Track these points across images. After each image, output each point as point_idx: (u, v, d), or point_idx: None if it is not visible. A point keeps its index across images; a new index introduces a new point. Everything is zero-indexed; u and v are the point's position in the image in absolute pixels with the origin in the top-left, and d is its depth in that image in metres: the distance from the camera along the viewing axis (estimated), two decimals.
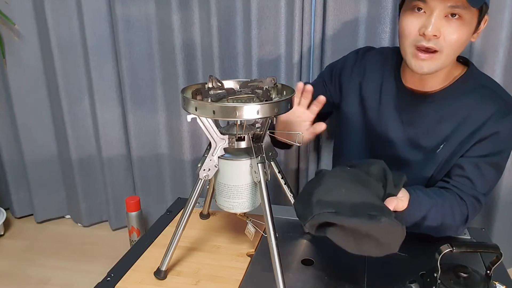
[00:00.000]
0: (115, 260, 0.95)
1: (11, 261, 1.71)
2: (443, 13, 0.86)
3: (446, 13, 0.86)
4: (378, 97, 1.09)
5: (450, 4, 0.84)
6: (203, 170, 0.84)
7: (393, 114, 1.06)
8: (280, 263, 0.80)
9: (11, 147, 1.95)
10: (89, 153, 1.89)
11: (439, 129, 0.99)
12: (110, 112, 1.81)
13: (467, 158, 0.97)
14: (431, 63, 0.90)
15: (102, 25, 1.69)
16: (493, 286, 0.75)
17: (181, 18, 1.62)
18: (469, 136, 0.96)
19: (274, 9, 1.52)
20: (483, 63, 1.41)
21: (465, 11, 0.85)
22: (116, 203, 1.92)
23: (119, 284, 0.87)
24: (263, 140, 0.87)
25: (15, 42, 1.76)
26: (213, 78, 0.88)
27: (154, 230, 1.08)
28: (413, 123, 1.03)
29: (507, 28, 1.37)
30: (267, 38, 1.56)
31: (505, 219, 1.55)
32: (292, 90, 0.86)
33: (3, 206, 2.01)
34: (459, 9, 0.85)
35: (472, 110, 0.96)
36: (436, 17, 0.85)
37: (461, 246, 0.75)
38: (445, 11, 0.85)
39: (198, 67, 1.69)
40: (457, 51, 0.90)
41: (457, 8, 0.84)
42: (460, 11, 0.85)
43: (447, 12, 0.86)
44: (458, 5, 0.84)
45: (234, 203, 0.87)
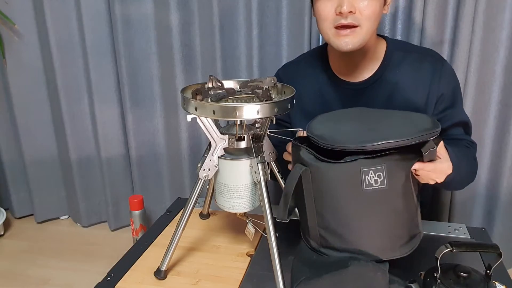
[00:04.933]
0: (115, 260, 0.95)
1: (11, 261, 1.71)
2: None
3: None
4: (320, 102, 1.11)
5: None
6: (203, 170, 0.84)
7: (342, 109, 1.09)
8: (280, 263, 0.80)
9: (11, 147, 1.95)
10: (88, 153, 1.89)
11: (392, 107, 1.02)
12: (109, 112, 1.81)
13: (438, 115, 1.05)
14: (354, 38, 0.94)
15: (101, 25, 1.69)
16: (493, 286, 0.75)
17: (179, 18, 1.62)
18: (425, 104, 1.04)
19: (275, 9, 1.52)
20: (483, 63, 1.41)
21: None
22: (115, 203, 1.92)
23: (119, 284, 0.87)
24: (263, 140, 0.87)
25: (15, 42, 1.76)
26: (213, 78, 0.88)
27: (154, 230, 1.08)
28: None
29: (507, 28, 1.37)
30: (268, 39, 1.56)
31: (505, 219, 1.55)
32: (292, 89, 0.86)
33: (3, 206, 2.01)
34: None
35: (412, 79, 1.04)
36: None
37: (461, 246, 0.75)
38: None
39: (197, 67, 1.69)
40: (374, 23, 0.96)
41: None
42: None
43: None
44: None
45: (234, 203, 0.87)
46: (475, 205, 1.58)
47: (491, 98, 1.45)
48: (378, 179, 0.75)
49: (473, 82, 1.43)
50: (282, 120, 1.18)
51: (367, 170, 0.74)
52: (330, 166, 0.76)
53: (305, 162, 0.79)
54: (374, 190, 0.75)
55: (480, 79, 1.43)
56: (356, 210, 0.78)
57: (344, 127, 0.82)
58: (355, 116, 0.89)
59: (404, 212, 0.80)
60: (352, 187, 0.76)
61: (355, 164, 0.75)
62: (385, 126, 0.81)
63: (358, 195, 0.76)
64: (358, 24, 0.93)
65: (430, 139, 0.76)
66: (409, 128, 0.78)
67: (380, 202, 0.77)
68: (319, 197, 0.80)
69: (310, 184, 0.79)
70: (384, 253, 0.80)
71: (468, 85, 1.43)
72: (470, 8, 1.34)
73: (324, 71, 1.10)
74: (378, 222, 0.78)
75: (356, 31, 0.94)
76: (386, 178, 0.75)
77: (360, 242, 0.80)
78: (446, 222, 1.28)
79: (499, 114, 1.46)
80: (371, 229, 0.79)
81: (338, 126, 0.83)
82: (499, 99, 1.45)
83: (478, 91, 1.45)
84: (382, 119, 0.86)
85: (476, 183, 1.55)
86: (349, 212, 0.78)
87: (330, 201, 0.79)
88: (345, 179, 0.76)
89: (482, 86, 1.44)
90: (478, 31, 1.38)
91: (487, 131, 1.48)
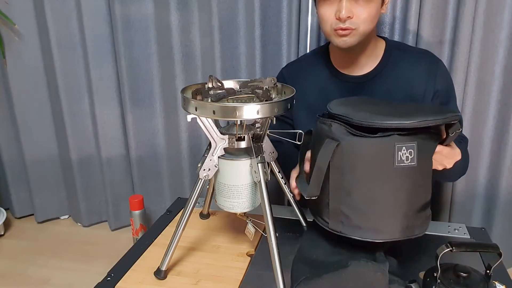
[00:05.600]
0: (115, 260, 0.95)
1: (11, 261, 1.71)
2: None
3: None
4: (322, 97, 1.12)
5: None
6: (203, 170, 0.84)
7: None
8: (280, 263, 0.80)
9: (12, 147, 1.95)
10: (88, 153, 1.90)
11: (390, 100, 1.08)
12: (109, 112, 1.81)
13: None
14: (351, 38, 1.01)
15: (101, 25, 1.70)
16: (492, 285, 0.75)
17: (179, 18, 1.62)
18: (422, 99, 1.09)
19: (275, 9, 1.52)
20: (483, 63, 1.42)
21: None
22: (115, 203, 1.92)
23: (119, 284, 0.87)
24: (263, 140, 0.87)
25: (15, 42, 1.77)
26: (213, 78, 0.88)
27: (154, 230, 1.08)
28: None
29: (507, 28, 1.37)
30: (269, 39, 1.56)
31: (505, 219, 1.55)
32: (292, 89, 0.86)
33: (3, 206, 2.01)
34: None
35: (409, 75, 1.09)
36: (345, 1, 0.97)
37: (461, 245, 0.75)
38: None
39: (197, 67, 1.69)
40: (371, 24, 1.02)
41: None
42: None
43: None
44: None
45: (234, 203, 0.87)
46: (475, 205, 1.59)
47: (491, 98, 1.45)
48: (409, 156, 0.76)
49: (473, 82, 1.43)
50: (284, 116, 1.21)
51: (400, 146, 0.75)
52: (365, 141, 0.76)
53: (337, 137, 0.78)
54: (403, 166, 0.76)
55: (480, 79, 1.43)
56: (385, 185, 0.78)
57: (366, 109, 0.83)
58: (369, 102, 0.90)
59: (427, 191, 0.81)
60: (384, 163, 0.76)
61: (389, 140, 0.75)
62: (407, 109, 0.82)
63: (389, 171, 0.76)
64: (355, 27, 0.99)
65: (456, 121, 0.78)
66: (432, 111, 0.80)
67: (408, 179, 0.77)
68: (348, 173, 0.79)
69: (341, 159, 0.79)
70: (404, 232, 0.80)
71: (468, 85, 1.43)
72: (470, 8, 1.34)
73: (326, 66, 1.15)
74: (404, 199, 0.78)
75: (353, 32, 1.00)
76: (416, 155, 0.76)
77: (384, 220, 0.79)
78: (446, 222, 1.29)
79: (499, 114, 1.46)
80: (396, 206, 0.78)
81: (359, 108, 0.83)
82: (498, 99, 1.45)
83: (477, 91, 1.45)
84: (397, 105, 0.88)
85: (475, 182, 1.55)
86: (378, 187, 0.78)
87: (360, 176, 0.78)
88: (379, 154, 0.76)
89: (481, 86, 1.44)
90: (478, 31, 1.38)
91: (487, 131, 1.48)
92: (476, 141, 1.49)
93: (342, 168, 0.79)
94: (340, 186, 0.80)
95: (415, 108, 0.85)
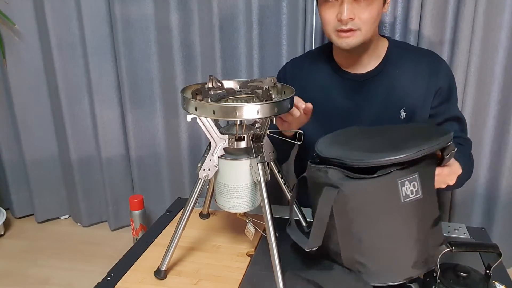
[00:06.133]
0: (115, 260, 0.95)
1: (11, 261, 1.71)
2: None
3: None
4: (324, 94, 1.15)
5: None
6: (203, 170, 0.84)
7: (345, 101, 1.14)
8: (280, 263, 0.80)
9: (12, 147, 1.95)
10: (88, 153, 1.89)
11: (392, 99, 1.11)
12: (109, 112, 1.81)
13: (434, 109, 1.11)
14: (353, 39, 1.02)
15: (101, 25, 1.69)
16: (492, 285, 0.75)
17: (179, 18, 1.62)
18: (423, 97, 1.10)
19: (275, 9, 1.52)
20: (483, 63, 1.42)
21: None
22: (115, 203, 1.92)
23: (119, 284, 0.87)
24: (263, 140, 0.87)
25: (15, 42, 1.76)
26: (213, 78, 0.88)
27: (154, 230, 1.08)
28: (367, 101, 1.13)
29: (507, 28, 1.37)
30: (269, 39, 1.56)
31: (505, 219, 1.55)
32: (292, 90, 0.86)
33: (3, 206, 2.01)
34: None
35: (411, 73, 1.10)
36: (347, 2, 0.98)
37: (461, 245, 0.75)
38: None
39: (197, 67, 1.69)
40: (373, 25, 1.03)
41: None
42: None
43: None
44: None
45: (234, 203, 0.87)
46: (475, 205, 1.58)
47: (491, 98, 1.45)
48: (413, 189, 0.72)
49: (473, 82, 1.43)
50: None
51: (403, 181, 0.72)
52: (366, 183, 0.72)
53: (335, 183, 0.74)
54: (411, 201, 0.72)
55: (480, 79, 1.43)
56: (396, 225, 0.74)
57: (359, 146, 0.79)
58: (358, 136, 0.87)
59: (437, 218, 0.78)
60: (390, 201, 0.73)
61: (391, 177, 0.71)
62: (400, 138, 0.81)
63: (397, 209, 0.73)
64: (357, 28, 1.01)
65: (450, 143, 0.77)
66: (425, 136, 0.78)
67: (418, 212, 0.74)
68: (355, 218, 0.75)
69: (345, 205, 0.74)
70: (426, 264, 0.76)
71: (468, 85, 1.43)
72: (470, 9, 1.34)
73: (329, 64, 1.16)
74: (416, 232, 0.74)
75: (355, 34, 1.01)
76: (420, 186, 0.73)
77: (402, 260, 0.76)
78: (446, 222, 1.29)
79: (499, 114, 1.46)
80: (410, 242, 0.75)
81: (351, 146, 0.80)
82: (498, 99, 1.45)
83: (478, 91, 1.45)
84: (387, 133, 0.86)
85: (475, 183, 1.55)
86: (389, 228, 0.75)
87: (368, 220, 0.74)
88: (383, 194, 0.73)
89: (481, 86, 1.44)
90: (478, 31, 1.38)
91: (487, 131, 1.48)
92: (476, 141, 1.49)
93: (347, 214, 0.75)
94: (349, 234, 0.76)
95: (408, 134, 0.83)
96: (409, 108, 1.11)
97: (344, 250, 0.78)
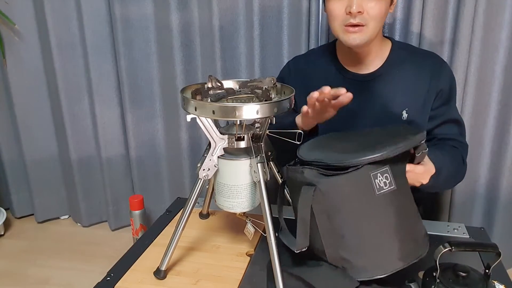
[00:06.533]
0: (115, 260, 0.95)
1: (11, 261, 1.71)
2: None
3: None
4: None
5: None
6: (202, 170, 0.85)
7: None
8: (279, 262, 0.80)
9: (12, 147, 1.95)
10: (88, 153, 1.89)
11: (395, 100, 1.11)
12: (109, 112, 1.81)
13: (434, 111, 1.12)
14: (361, 35, 1.02)
15: (101, 25, 1.70)
16: (492, 285, 0.75)
17: (179, 18, 1.62)
18: (424, 98, 1.10)
19: (275, 9, 1.52)
20: (483, 63, 1.41)
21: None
22: (115, 203, 1.92)
23: (119, 284, 0.87)
24: (262, 140, 0.87)
25: (15, 42, 1.77)
26: (212, 78, 0.88)
27: (153, 230, 1.08)
28: (369, 101, 1.12)
29: (507, 28, 1.37)
30: (269, 39, 1.56)
31: (505, 219, 1.55)
32: (292, 89, 0.86)
33: (3, 206, 2.01)
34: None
35: (414, 75, 1.11)
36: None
37: (460, 245, 0.75)
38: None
39: (197, 67, 1.69)
40: (380, 22, 1.03)
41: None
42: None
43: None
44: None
45: (233, 203, 0.87)
46: (475, 205, 1.58)
47: (491, 98, 1.45)
48: (386, 181, 0.76)
49: (473, 82, 1.43)
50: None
51: (375, 174, 0.75)
52: (340, 178, 0.75)
53: (311, 181, 0.77)
54: (385, 193, 0.75)
55: (480, 79, 1.43)
56: (373, 217, 0.77)
57: (336, 148, 0.83)
58: (337, 140, 0.90)
59: (414, 210, 0.81)
60: (366, 194, 0.75)
61: (363, 171, 0.75)
62: (375, 139, 0.83)
63: (373, 201, 0.76)
64: (365, 23, 1.01)
65: (422, 142, 0.80)
66: (399, 135, 0.81)
67: (393, 204, 0.77)
68: (334, 215, 0.77)
69: (323, 202, 0.77)
70: (408, 258, 0.78)
71: (468, 85, 1.43)
72: (470, 8, 1.34)
73: (332, 63, 1.17)
74: (395, 224, 0.77)
75: (363, 29, 1.01)
76: (392, 178, 0.76)
77: (384, 253, 0.77)
78: (446, 222, 1.29)
79: (499, 114, 1.46)
80: (390, 234, 0.77)
81: (329, 149, 0.83)
82: (499, 99, 1.45)
83: (478, 91, 1.45)
84: (365, 136, 0.89)
85: (475, 183, 1.55)
86: (367, 221, 0.77)
87: (347, 215, 0.77)
88: (357, 188, 0.76)
89: (482, 86, 1.44)
90: (478, 31, 1.38)
91: (487, 131, 1.48)
92: (476, 141, 1.49)
93: (326, 211, 0.77)
94: (330, 230, 0.78)
95: (384, 134, 0.86)
96: (411, 109, 1.11)
97: (328, 248, 0.80)
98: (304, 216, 0.77)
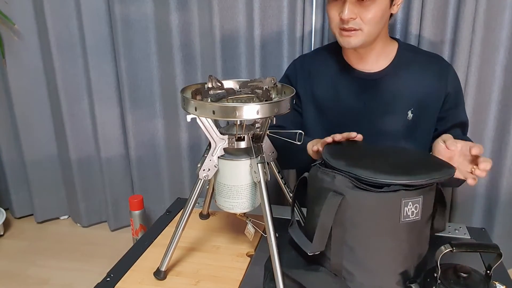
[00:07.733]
0: (115, 260, 0.95)
1: (11, 261, 1.71)
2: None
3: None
4: (332, 93, 1.16)
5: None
6: (202, 170, 0.84)
7: (353, 99, 1.14)
8: (280, 263, 0.80)
9: (11, 147, 1.95)
10: (88, 153, 1.89)
11: (400, 100, 1.12)
12: (108, 112, 1.81)
13: (442, 114, 1.13)
14: (355, 38, 1.03)
15: (101, 25, 1.69)
16: (493, 286, 0.74)
17: (179, 18, 1.62)
18: (431, 100, 1.11)
19: (276, 9, 1.52)
20: (483, 63, 1.41)
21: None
22: (114, 203, 1.92)
23: (119, 284, 0.87)
24: (263, 140, 0.87)
25: (15, 42, 1.76)
26: (212, 78, 0.87)
27: (153, 230, 1.08)
28: (375, 100, 1.13)
29: (507, 28, 1.37)
30: (269, 38, 1.56)
31: (505, 219, 1.55)
32: (292, 89, 0.86)
33: (3, 206, 2.01)
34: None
35: (420, 77, 1.11)
36: (349, 2, 0.98)
37: (461, 246, 0.74)
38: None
39: (197, 67, 1.69)
40: (376, 25, 1.03)
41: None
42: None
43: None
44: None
45: (233, 203, 0.87)
46: (475, 205, 1.58)
47: (491, 98, 1.45)
48: (415, 211, 0.74)
49: (473, 82, 1.43)
50: (295, 104, 1.21)
51: (407, 202, 0.73)
52: (371, 195, 0.73)
53: (341, 190, 0.75)
54: (408, 222, 0.74)
55: (480, 79, 1.43)
56: (389, 241, 0.75)
57: (368, 162, 0.79)
58: (365, 152, 0.87)
59: (426, 239, 0.81)
60: (390, 218, 0.73)
61: (396, 195, 0.72)
62: (407, 162, 0.82)
63: (394, 227, 0.74)
64: (359, 28, 1.01)
65: (453, 175, 0.78)
66: (430, 165, 0.81)
67: (412, 233, 0.76)
68: (351, 227, 0.76)
69: (344, 214, 0.75)
70: (402, 281, 0.78)
71: (468, 85, 1.43)
72: (470, 8, 1.34)
73: (338, 62, 1.17)
74: (407, 252, 0.77)
75: (356, 34, 1.02)
76: (421, 209, 0.74)
77: (386, 275, 0.77)
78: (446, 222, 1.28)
79: (499, 114, 1.46)
80: (399, 261, 0.77)
81: (360, 163, 0.79)
82: (499, 99, 1.45)
83: (478, 91, 1.45)
84: (394, 156, 0.87)
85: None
86: (382, 243, 0.76)
87: (364, 232, 0.75)
88: (384, 210, 0.74)
89: (482, 86, 1.44)
90: (478, 31, 1.37)
91: (487, 131, 1.48)
92: (476, 141, 1.47)
93: (344, 222, 0.76)
94: (342, 241, 0.77)
95: (416, 159, 0.85)
96: (416, 109, 1.11)
97: (334, 256, 0.79)
98: (325, 222, 0.76)
